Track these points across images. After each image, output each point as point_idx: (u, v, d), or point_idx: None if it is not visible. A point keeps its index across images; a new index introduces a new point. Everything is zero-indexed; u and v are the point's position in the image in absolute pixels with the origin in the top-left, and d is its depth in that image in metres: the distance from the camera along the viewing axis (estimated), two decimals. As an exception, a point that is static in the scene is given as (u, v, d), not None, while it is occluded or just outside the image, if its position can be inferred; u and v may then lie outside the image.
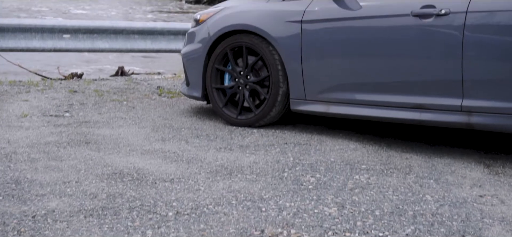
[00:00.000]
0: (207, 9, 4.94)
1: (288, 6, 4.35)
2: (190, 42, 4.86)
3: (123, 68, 11.86)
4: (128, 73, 11.96)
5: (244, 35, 4.48)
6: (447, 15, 3.74)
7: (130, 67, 11.65)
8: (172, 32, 7.61)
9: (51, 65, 11.09)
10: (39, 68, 10.98)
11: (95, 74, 12.17)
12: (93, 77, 11.66)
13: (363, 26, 4.05)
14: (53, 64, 10.86)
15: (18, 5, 38.24)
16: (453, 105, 3.78)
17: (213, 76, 4.63)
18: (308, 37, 4.23)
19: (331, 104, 4.21)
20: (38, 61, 10.44)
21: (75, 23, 7.04)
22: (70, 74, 8.17)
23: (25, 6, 38.41)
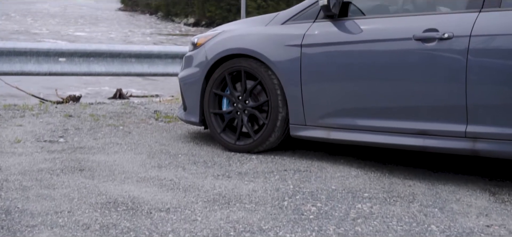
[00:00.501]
0: (205, 33, 4.86)
1: (288, 30, 4.27)
2: (188, 66, 4.77)
3: (121, 90, 11.82)
4: (126, 96, 11.91)
5: (242, 59, 4.40)
6: (450, 39, 3.65)
7: (129, 89, 11.61)
8: (170, 55, 7.54)
9: (49, 87, 11.03)
10: (37, 90, 10.93)
11: (93, 96, 12.13)
12: (91, 100, 11.64)
13: (364, 50, 3.96)
14: (51, 86, 10.79)
15: (18, 28, 38.35)
16: (457, 131, 3.68)
17: (211, 101, 4.54)
18: (308, 61, 4.14)
19: (332, 130, 4.11)
20: (36, 83, 10.37)
21: (71, 47, 6.97)
22: (68, 96, 8.09)
23: (24, 28, 38.55)
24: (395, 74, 3.87)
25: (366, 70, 3.96)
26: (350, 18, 4.08)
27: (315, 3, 4.19)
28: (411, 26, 3.81)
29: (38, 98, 10.90)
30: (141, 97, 11.50)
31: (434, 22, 3.75)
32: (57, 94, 10.07)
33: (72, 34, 35.37)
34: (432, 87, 3.74)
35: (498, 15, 3.58)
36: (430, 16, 3.84)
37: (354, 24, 4.03)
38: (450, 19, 3.73)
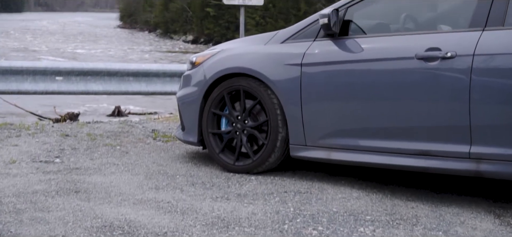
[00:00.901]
0: (203, 52, 4.79)
1: (287, 49, 4.21)
2: (186, 85, 4.71)
3: (120, 107, 11.79)
4: (125, 113, 11.87)
5: (241, 78, 4.33)
6: (453, 58, 3.59)
7: (127, 106, 11.57)
8: (168, 74, 7.48)
9: (47, 105, 10.98)
10: (35, 107, 10.88)
11: (91, 113, 12.09)
12: (89, 117, 11.59)
13: (366, 69, 3.90)
14: (50, 103, 10.75)
15: (18, 45, 38.43)
16: (461, 152, 3.61)
17: (209, 120, 4.47)
18: (308, 81, 4.08)
19: (333, 151, 4.03)
20: (35, 101, 10.33)
21: (68, 65, 6.91)
22: (66, 113, 8.05)
23: (24, 45, 38.63)
24: (397, 94, 3.80)
25: (367, 90, 3.89)
26: (350, 37, 4.02)
27: (315, 22, 4.13)
28: (413, 45, 3.75)
29: (37, 115, 10.86)
30: (139, 115, 11.46)
31: (436, 41, 3.69)
32: (55, 112, 10.03)
33: (71, 51, 35.42)
34: (435, 107, 3.68)
35: (502, 34, 3.53)
36: (432, 35, 3.78)
37: (355, 43, 3.97)
38: (453, 38, 3.68)
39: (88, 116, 11.57)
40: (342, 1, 4.10)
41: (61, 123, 6.94)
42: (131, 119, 10.84)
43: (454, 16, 3.99)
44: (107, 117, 11.50)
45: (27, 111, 10.78)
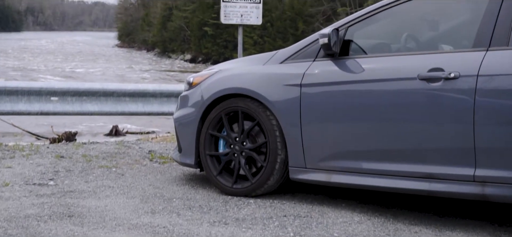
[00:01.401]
0: (201, 72, 4.71)
1: (286, 69, 4.12)
2: (183, 106, 4.61)
3: (117, 127, 11.72)
4: (123, 132, 11.79)
5: (239, 99, 4.24)
6: (456, 79, 3.51)
7: (125, 125, 11.49)
8: (165, 94, 7.38)
9: (45, 124, 10.89)
10: (33, 126, 10.79)
11: (89, 132, 12.01)
12: (87, 136, 11.52)
13: (367, 90, 3.81)
14: (47, 122, 10.66)
15: (17, 64, 38.42)
16: (465, 175, 3.51)
17: (207, 142, 4.37)
18: (308, 102, 3.99)
19: (333, 173, 3.93)
20: (32, 120, 10.23)
21: (63, 85, 6.81)
22: (64, 133, 7.94)
23: (23, 64, 38.62)
24: (399, 115, 3.71)
25: (368, 111, 3.80)
26: (351, 57, 3.94)
27: (315, 42, 4.05)
28: (415, 65, 3.67)
29: (34, 135, 10.79)
30: (137, 134, 11.38)
31: (439, 61, 3.61)
32: (53, 131, 9.93)
33: (70, 70, 35.40)
34: (438, 128, 3.59)
35: (506, 54, 3.44)
36: (435, 55, 3.70)
37: (355, 63, 3.89)
38: (456, 58, 3.59)
39: (86, 136, 11.51)
40: (342, 20, 4.03)
41: (57, 144, 6.84)
42: (128, 139, 10.76)
43: (456, 35, 3.91)
44: (105, 136, 11.44)
45: (25, 130, 10.71)
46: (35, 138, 10.70)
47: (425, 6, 3.96)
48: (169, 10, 66.11)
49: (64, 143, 7.03)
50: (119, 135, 11.82)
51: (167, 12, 66.59)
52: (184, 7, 60.96)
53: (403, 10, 3.94)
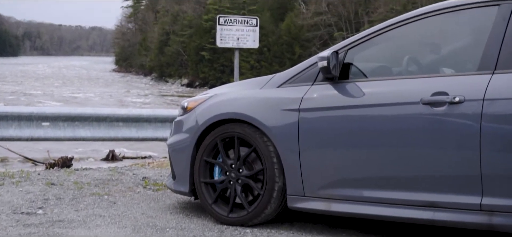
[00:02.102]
0: (195, 96, 4.56)
1: (284, 93, 3.98)
2: (177, 131, 4.46)
3: (114, 151, 11.61)
4: (119, 157, 11.69)
5: (235, 124, 4.09)
6: (461, 103, 3.36)
7: (122, 149, 11.37)
8: (159, 119, 7.23)
9: (39, 149, 10.75)
10: (29, 151, 10.65)
11: (86, 156, 11.88)
12: (83, 161, 11.39)
13: (368, 115, 3.66)
14: (44, 147, 10.51)
15: (16, 89, 38.33)
16: (472, 204, 3.36)
17: (201, 169, 4.21)
18: (307, 127, 3.84)
19: (333, 202, 3.77)
20: (29, 144, 10.07)
21: (54, 110, 6.65)
22: (60, 158, 7.80)
23: (21, 89, 38.54)
24: (401, 141, 3.56)
25: (369, 137, 3.65)
26: (351, 80, 3.80)
27: (313, 65, 3.92)
28: (418, 89, 3.53)
29: (30, 160, 10.67)
30: (134, 159, 11.25)
31: (443, 85, 3.47)
32: (49, 156, 9.80)
33: (67, 95, 35.31)
34: (443, 155, 3.44)
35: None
36: (439, 79, 3.57)
37: (355, 87, 3.75)
38: (461, 82, 3.45)
39: (82, 161, 11.39)
40: (341, 43, 3.90)
41: (48, 170, 6.67)
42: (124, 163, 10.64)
43: (460, 58, 3.77)
44: (102, 161, 11.34)
45: (21, 155, 10.58)
46: (32, 163, 10.59)
47: (427, 28, 3.83)
48: (167, 35, 66.30)
49: (56, 169, 6.86)
50: (116, 159, 11.72)
51: (164, 37, 66.77)
52: (181, 32, 61.14)
53: (405, 32, 3.81)
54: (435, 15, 3.70)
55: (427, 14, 3.72)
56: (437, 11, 3.69)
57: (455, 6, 3.65)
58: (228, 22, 8.47)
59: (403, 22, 3.76)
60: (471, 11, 3.62)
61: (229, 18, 8.55)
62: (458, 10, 3.65)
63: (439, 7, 3.69)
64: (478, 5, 3.57)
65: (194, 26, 58.75)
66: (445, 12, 3.68)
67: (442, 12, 3.68)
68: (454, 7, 3.65)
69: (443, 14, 3.68)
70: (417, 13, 3.75)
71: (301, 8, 50.22)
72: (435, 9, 3.69)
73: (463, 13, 3.65)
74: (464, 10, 3.63)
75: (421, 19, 3.73)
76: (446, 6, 3.67)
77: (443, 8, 3.67)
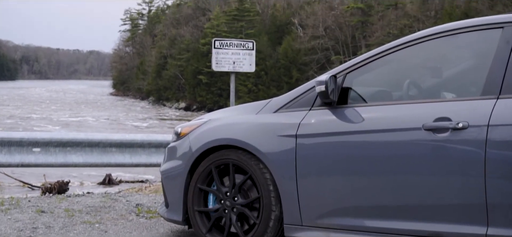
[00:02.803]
0: (189, 122, 4.43)
1: (281, 119, 3.84)
2: (170, 158, 4.32)
3: (111, 175, 11.45)
4: (116, 181, 11.54)
5: (230, 151, 3.95)
6: (465, 129, 3.23)
7: (118, 173, 11.21)
8: (153, 144, 7.07)
9: (35, 173, 10.57)
10: (25, 175, 10.48)
11: (82, 181, 11.72)
12: (79, 184, 11.24)
13: (367, 141, 3.53)
14: (39, 172, 10.34)
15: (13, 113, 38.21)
16: (476, 234, 3.21)
17: (195, 197, 4.06)
18: (304, 153, 3.70)
19: (332, 232, 3.62)
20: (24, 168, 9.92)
21: (46, 136, 6.49)
22: (57, 182, 7.65)
23: (18, 113, 38.41)
24: (403, 168, 3.42)
25: (369, 164, 3.51)
26: (350, 105, 3.67)
27: (311, 89, 3.79)
28: (420, 115, 3.40)
29: (26, 184, 10.52)
30: (131, 183, 11.10)
31: (445, 110, 3.34)
32: (45, 180, 9.65)
33: (65, 119, 35.17)
34: (446, 183, 3.29)
35: (519, 102, 3.18)
36: (441, 104, 3.44)
37: (355, 112, 3.62)
38: (464, 107, 3.32)
39: (79, 184, 11.24)
40: (340, 66, 3.78)
41: (39, 197, 6.50)
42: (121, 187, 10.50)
43: (463, 83, 3.65)
44: (99, 185, 11.21)
45: (17, 180, 10.44)
46: (28, 187, 10.46)
47: (428, 51, 3.71)
48: (164, 59, 66.39)
49: (48, 195, 6.70)
50: (113, 183, 11.58)
51: (162, 61, 66.87)
52: (179, 56, 61.23)
53: (405, 56, 3.69)
54: (436, 38, 3.58)
55: (428, 37, 3.60)
56: (438, 34, 3.57)
57: (457, 29, 3.54)
58: (224, 46, 8.35)
59: (404, 45, 3.64)
60: (473, 34, 3.50)
61: (225, 42, 8.44)
62: (460, 33, 3.53)
63: (440, 30, 3.58)
64: (481, 28, 3.46)
65: (191, 50, 58.86)
66: (447, 35, 3.56)
67: (443, 35, 3.57)
68: (455, 30, 3.54)
69: (444, 37, 3.57)
70: (418, 36, 3.64)
71: (298, 32, 50.39)
72: (436, 32, 3.58)
73: (465, 36, 3.54)
74: (466, 33, 3.52)
75: (422, 42, 3.62)
76: (447, 29, 3.56)
77: (445, 31, 3.56)
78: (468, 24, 3.51)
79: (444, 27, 3.58)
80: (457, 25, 3.55)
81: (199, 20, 61.67)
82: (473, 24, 3.49)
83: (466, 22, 3.55)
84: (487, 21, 3.44)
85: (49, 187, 9.08)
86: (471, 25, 3.50)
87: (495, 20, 3.41)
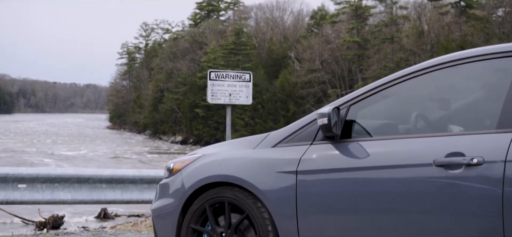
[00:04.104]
0: (182, 157, 4.17)
1: (280, 154, 3.59)
2: (162, 196, 4.05)
3: (106, 209, 11.22)
4: (111, 215, 11.29)
5: (226, 188, 3.69)
6: (480, 165, 2.98)
7: (114, 207, 10.96)
8: (145, 180, 6.79)
9: (28, 207, 10.30)
10: (20, 209, 10.22)
11: (78, 215, 11.47)
12: (74, 219, 10.98)
13: (374, 178, 3.27)
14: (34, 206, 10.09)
15: (8, 146, 37.85)
16: (494, 279, 2.94)
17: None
18: (305, 191, 3.44)
19: (336, 276, 3.34)
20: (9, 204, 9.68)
21: (32, 171, 6.20)
22: (51, 216, 7.41)
23: (13, 146, 38.06)
24: (412, 208, 3.16)
25: (376, 202, 3.25)
26: (354, 139, 3.42)
27: (312, 122, 3.54)
28: (430, 150, 3.15)
29: (20, 218, 10.27)
30: (126, 217, 10.85)
31: (458, 145, 3.09)
32: (39, 214, 9.41)
33: (61, 153, 34.83)
34: (459, 223, 3.04)
35: (539, 136, 2.93)
36: (453, 138, 3.19)
37: (359, 147, 3.36)
38: (478, 141, 3.07)
39: (73, 218, 10.99)
40: (343, 98, 3.54)
41: (33, 235, 6.21)
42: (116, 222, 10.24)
43: (476, 115, 3.40)
44: (95, 218, 10.97)
45: (11, 214, 10.20)
46: (22, 222, 10.21)
47: (437, 81, 3.47)
48: (161, 92, 66.36)
49: (35, 232, 6.40)
50: (108, 217, 11.33)
51: (158, 94, 66.84)
52: (176, 89, 61.20)
53: (413, 86, 3.45)
54: (446, 67, 3.35)
55: (437, 66, 3.37)
56: (449, 63, 3.34)
57: (468, 57, 3.31)
58: (220, 77, 8.10)
59: (412, 75, 3.41)
60: (485, 62, 3.27)
61: (220, 73, 8.19)
62: (471, 61, 3.30)
63: (451, 58, 3.35)
64: (494, 56, 3.23)
65: (188, 84, 58.86)
66: (458, 64, 3.33)
67: (454, 64, 3.34)
68: (466, 59, 3.31)
69: (455, 66, 3.34)
70: (427, 65, 3.41)
71: (295, 65, 50.44)
72: (447, 61, 3.35)
73: (476, 65, 3.30)
74: (477, 61, 3.28)
75: (431, 71, 3.38)
76: (458, 57, 3.33)
77: (455, 59, 3.33)
78: (480, 53, 3.28)
79: (454, 55, 3.35)
80: (468, 53, 3.33)
81: (196, 53, 61.77)
82: (485, 52, 3.27)
83: (477, 50, 3.32)
84: (500, 49, 3.22)
85: (43, 222, 8.82)
86: (483, 53, 3.27)
87: (509, 48, 3.19)
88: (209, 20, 69.26)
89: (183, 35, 72.42)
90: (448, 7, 45.14)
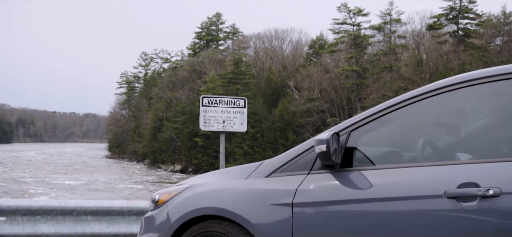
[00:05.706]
0: (169, 188, 3.85)
1: (274, 184, 3.28)
2: (147, 230, 3.74)
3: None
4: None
5: (215, 222, 3.37)
6: (497, 197, 2.67)
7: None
8: (134, 212, 6.45)
9: None
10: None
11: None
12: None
13: (377, 211, 2.95)
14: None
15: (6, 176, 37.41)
16: None
17: (174, 277, 3.45)
18: (302, 225, 3.13)
19: None
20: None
21: (12, 203, 5.87)
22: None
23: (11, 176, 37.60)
24: (420, 244, 2.83)
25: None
26: (355, 168, 3.11)
27: (309, 150, 3.24)
28: (440, 180, 2.84)
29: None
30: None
31: (471, 174, 2.78)
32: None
33: (59, 183, 34.41)
34: (474, 262, 2.70)
35: (562, 164, 2.62)
36: (465, 166, 2.88)
37: (361, 177, 3.05)
38: (494, 171, 2.76)
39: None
40: (343, 123, 3.24)
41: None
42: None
43: (490, 141, 3.07)
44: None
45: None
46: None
47: (446, 105, 3.16)
48: (160, 122, 66.07)
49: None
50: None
51: (157, 124, 66.55)
52: (175, 118, 60.93)
53: (419, 110, 3.15)
54: (456, 89, 3.05)
55: (446, 88, 3.07)
56: (459, 84, 3.04)
57: (480, 78, 3.00)
58: (213, 103, 7.76)
59: (418, 97, 3.11)
60: (500, 83, 2.96)
61: (214, 99, 7.86)
62: (483, 83, 3.00)
63: (461, 79, 3.05)
64: (509, 76, 2.93)
65: (187, 113, 58.62)
66: (468, 86, 3.03)
67: (464, 86, 3.03)
68: (478, 80, 3.01)
69: (465, 88, 3.03)
70: (435, 87, 3.11)
71: (294, 94, 50.23)
72: (457, 82, 3.05)
73: (490, 86, 2.99)
74: (491, 82, 2.98)
75: (439, 94, 3.08)
76: (469, 78, 3.03)
77: (466, 80, 3.03)
78: (494, 73, 2.98)
79: (467, 75, 3.05)
80: (480, 74, 3.02)
81: (195, 83, 61.64)
82: (499, 72, 2.96)
83: (490, 70, 3.02)
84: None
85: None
86: (497, 73, 2.97)
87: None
88: (208, 49, 69.33)
89: (182, 64, 72.35)
90: (446, 36, 45.13)
